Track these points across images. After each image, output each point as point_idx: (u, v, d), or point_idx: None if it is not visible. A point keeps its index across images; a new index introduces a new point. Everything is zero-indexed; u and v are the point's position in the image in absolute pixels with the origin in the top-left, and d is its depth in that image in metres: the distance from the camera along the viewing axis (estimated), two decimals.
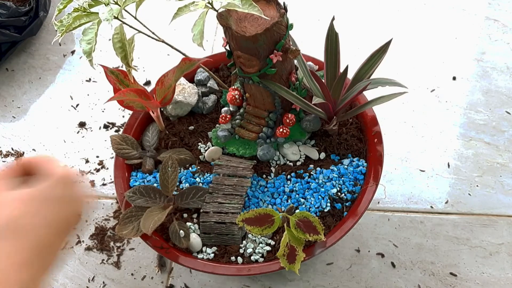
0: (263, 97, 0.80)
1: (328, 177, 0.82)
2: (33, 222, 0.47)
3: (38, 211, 0.47)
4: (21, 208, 0.47)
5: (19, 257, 0.46)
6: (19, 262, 0.45)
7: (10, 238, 0.46)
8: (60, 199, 0.50)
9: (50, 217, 0.48)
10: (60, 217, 0.49)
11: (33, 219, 0.47)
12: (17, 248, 0.46)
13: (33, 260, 0.46)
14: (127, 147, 0.87)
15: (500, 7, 1.24)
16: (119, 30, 0.71)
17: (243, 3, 0.64)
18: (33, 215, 0.47)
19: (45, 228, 0.47)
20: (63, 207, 0.50)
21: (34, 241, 0.46)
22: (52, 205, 0.49)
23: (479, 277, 0.91)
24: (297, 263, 0.74)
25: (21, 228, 0.46)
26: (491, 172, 1.01)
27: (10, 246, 0.45)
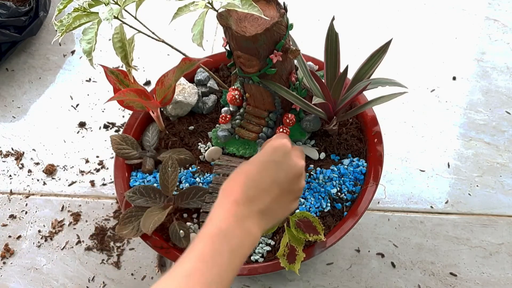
0: (263, 97, 0.80)
1: (328, 177, 0.82)
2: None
3: (254, 170, 0.62)
4: (241, 168, 0.63)
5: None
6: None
7: None
8: (270, 163, 0.63)
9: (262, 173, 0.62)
10: (275, 178, 0.62)
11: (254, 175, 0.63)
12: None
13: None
14: (127, 147, 0.87)
15: (500, 7, 1.24)
16: (119, 30, 0.71)
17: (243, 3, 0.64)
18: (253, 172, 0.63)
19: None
20: (271, 169, 0.62)
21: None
22: (260, 165, 0.63)
23: (479, 277, 0.91)
24: (297, 263, 0.74)
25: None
26: (491, 172, 1.01)
27: None
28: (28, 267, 0.99)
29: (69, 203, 1.05)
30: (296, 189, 0.64)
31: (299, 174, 0.64)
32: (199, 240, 0.57)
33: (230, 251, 0.56)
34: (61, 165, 1.10)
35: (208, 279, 0.54)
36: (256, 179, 0.62)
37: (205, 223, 0.58)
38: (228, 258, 0.56)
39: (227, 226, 0.58)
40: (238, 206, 0.59)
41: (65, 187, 1.07)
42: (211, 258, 0.55)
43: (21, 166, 1.10)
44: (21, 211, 1.05)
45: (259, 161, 0.63)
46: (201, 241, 0.56)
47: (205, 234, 0.57)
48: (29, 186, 1.08)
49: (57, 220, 1.03)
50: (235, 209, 0.59)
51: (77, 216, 1.03)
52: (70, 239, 1.00)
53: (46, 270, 0.98)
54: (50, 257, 0.99)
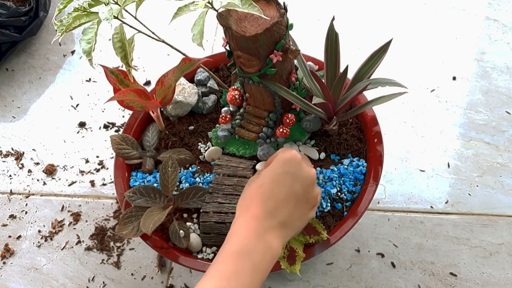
0: (263, 97, 0.80)
1: (328, 177, 0.82)
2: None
3: (269, 184, 0.63)
4: (255, 183, 0.64)
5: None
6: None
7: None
8: (284, 175, 0.63)
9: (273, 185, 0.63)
10: (292, 189, 0.63)
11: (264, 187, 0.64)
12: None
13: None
14: (127, 147, 0.87)
15: (500, 7, 1.24)
16: (119, 30, 0.71)
17: (243, 3, 0.64)
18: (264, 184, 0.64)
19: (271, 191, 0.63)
20: (286, 181, 0.63)
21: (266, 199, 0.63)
22: (274, 178, 0.64)
23: (479, 277, 0.91)
24: (297, 264, 0.74)
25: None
26: (491, 172, 1.01)
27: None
28: (28, 267, 0.99)
29: (69, 203, 1.05)
30: (312, 197, 0.65)
31: (313, 182, 0.65)
32: (222, 258, 0.58)
33: (253, 268, 0.57)
34: (61, 165, 1.10)
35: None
36: (273, 192, 0.62)
37: (227, 239, 0.59)
38: (251, 276, 0.57)
39: (248, 243, 0.58)
40: (258, 221, 0.60)
41: (65, 187, 1.07)
42: (234, 276, 0.56)
43: (21, 166, 1.10)
44: (21, 211, 1.05)
45: (273, 173, 0.64)
46: (223, 259, 0.58)
47: (228, 251, 0.58)
48: (29, 186, 1.08)
49: (57, 220, 1.03)
50: (255, 225, 0.60)
51: (77, 216, 1.03)
52: (70, 239, 1.00)
53: (46, 270, 0.98)
54: (50, 257, 0.99)
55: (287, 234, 0.63)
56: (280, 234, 0.61)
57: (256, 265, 0.58)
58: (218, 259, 0.58)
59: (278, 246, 0.61)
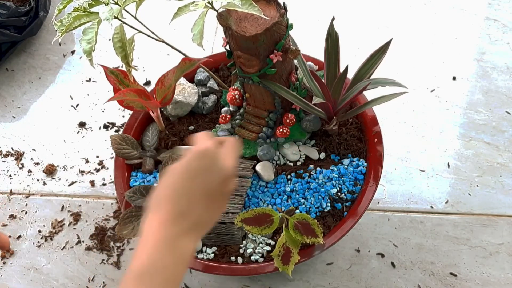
0: (263, 97, 0.80)
1: (328, 177, 0.82)
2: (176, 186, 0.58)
3: (181, 181, 0.58)
4: (167, 179, 0.58)
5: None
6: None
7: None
8: (197, 170, 0.58)
9: (184, 183, 0.58)
10: (207, 184, 0.58)
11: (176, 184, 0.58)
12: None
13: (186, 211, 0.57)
14: (127, 147, 0.87)
15: (500, 7, 1.24)
16: (119, 30, 0.71)
17: (243, 3, 0.64)
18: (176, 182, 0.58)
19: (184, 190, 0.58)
20: (200, 177, 0.58)
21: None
22: (187, 173, 0.58)
23: (479, 277, 0.91)
24: (291, 265, 0.74)
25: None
26: (491, 172, 1.01)
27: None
28: (28, 267, 0.98)
29: (69, 203, 1.05)
30: (226, 193, 0.61)
31: (227, 176, 0.60)
32: (128, 283, 0.52)
33: (165, 284, 0.52)
34: (61, 165, 1.10)
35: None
36: (185, 191, 0.57)
37: (134, 255, 0.53)
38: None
39: (157, 259, 0.53)
40: (167, 227, 0.55)
41: (65, 187, 1.07)
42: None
43: (21, 166, 1.10)
44: (21, 211, 1.05)
45: (185, 170, 0.59)
46: (129, 283, 0.51)
47: (134, 273, 0.52)
48: (29, 186, 1.08)
49: (57, 220, 1.03)
50: (164, 232, 0.54)
51: (77, 216, 1.03)
52: (70, 239, 1.00)
53: (46, 270, 0.98)
54: (50, 257, 0.99)
55: (200, 233, 0.58)
56: (193, 236, 0.56)
57: (168, 279, 0.52)
58: (123, 285, 0.52)
59: (192, 248, 0.55)
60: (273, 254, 0.75)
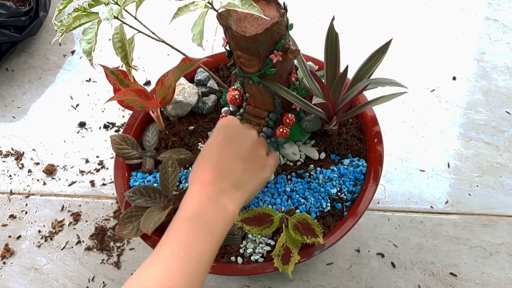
0: (263, 97, 0.80)
1: (328, 177, 0.82)
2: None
3: (215, 151, 0.65)
4: (201, 155, 0.66)
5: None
6: None
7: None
8: (226, 139, 0.65)
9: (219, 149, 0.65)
10: (238, 152, 0.65)
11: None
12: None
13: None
14: (127, 147, 0.87)
15: (500, 7, 1.24)
16: (119, 30, 0.71)
17: (243, 3, 0.64)
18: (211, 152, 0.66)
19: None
20: (230, 144, 0.65)
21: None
22: (217, 144, 0.65)
23: (479, 277, 0.91)
24: (291, 265, 0.74)
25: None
26: (491, 172, 1.01)
27: None
28: (28, 267, 0.99)
29: (69, 203, 1.05)
30: (259, 156, 0.67)
31: (255, 140, 0.67)
32: (175, 226, 0.57)
33: (206, 233, 0.57)
34: (61, 165, 1.10)
35: (186, 263, 0.54)
36: (220, 157, 0.64)
37: (180, 207, 0.59)
38: (205, 241, 0.57)
39: (201, 208, 0.58)
40: (209, 185, 0.60)
41: (65, 187, 1.07)
42: (188, 243, 0.56)
43: (21, 166, 1.10)
44: (21, 211, 1.05)
45: (215, 142, 0.66)
46: (176, 226, 0.57)
47: (180, 218, 0.58)
48: (29, 186, 1.08)
49: (57, 220, 1.03)
50: (207, 189, 0.60)
51: (77, 216, 1.03)
52: (70, 239, 1.00)
53: (46, 270, 0.98)
54: (50, 257, 0.99)
55: (242, 196, 0.64)
56: (234, 196, 0.62)
57: (210, 229, 0.58)
58: (171, 227, 0.58)
59: (233, 208, 0.61)
60: (273, 254, 0.75)
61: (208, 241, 0.57)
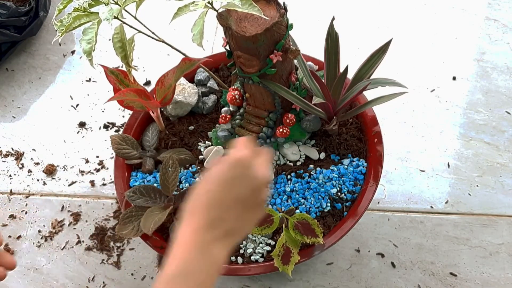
0: (263, 97, 0.80)
1: (328, 177, 0.82)
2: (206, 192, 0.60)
3: (214, 190, 0.59)
4: (201, 186, 0.60)
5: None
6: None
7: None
8: (232, 179, 0.59)
9: (216, 191, 0.59)
10: (240, 195, 0.59)
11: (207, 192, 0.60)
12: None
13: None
14: (127, 147, 0.87)
15: (500, 7, 1.24)
16: (119, 30, 0.71)
17: (243, 3, 0.64)
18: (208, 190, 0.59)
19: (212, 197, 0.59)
20: (233, 186, 0.59)
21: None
22: (221, 182, 0.59)
23: (479, 277, 0.91)
24: (291, 265, 0.74)
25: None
26: (491, 172, 1.01)
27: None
28: (28, 267, 0.98)
29: (69, 203, 1.05)
30: (261, 200, 0.61)
31: (262, 185, 0.61)
32: (163, 279, 0.54)
33: (196, 286, 0.54)
34: (61, 165, 1.10)
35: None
36: (218, 199, 0.58)
37: (169, 258, 0.55)
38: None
39: (190, 263, 0.55)
40: (200, 233, 0.56)
41: (65, 187, 1.07)
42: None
43: (21, 166, 1.10)
44: (21, 211, 1.05)
45: (219, 179, 0.59)
46: (165, 281, 0.54)
47: (167, 275, 0.54)
48: (29, 186, 1.08)
49: (57, 220, 1.03)
50: (197, 238, 0.56)
51: (77, 216, 1.03)
52: (70, 239, 1.00)
53: (46, 270, 0.98)
54: (50, 257, 0.99)
55: (234, 241, 0.59)
56: (227, 243, 0.58)
57: (200, 284, 0.54)
58: (160, 281, 0.54)
59: (224, 256, 0.57)
60: (273, 254, 0.75)
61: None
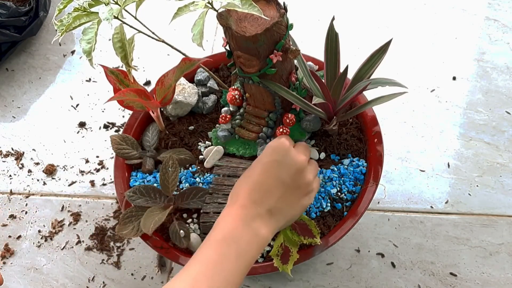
0: (263, 97, 0.80)
1: (328, 177, 0.82)
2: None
3: (257, 174, 0.65)
4: (246, 172, 0.67)
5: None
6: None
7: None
8: (271, 163, 0.65)
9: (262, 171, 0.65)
10: (280, 178, 0.64)
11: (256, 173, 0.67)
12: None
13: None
14: (127, 147, 0.87)
15: (500, 7, 1.24)
16: (119, 29, 0.71)
17: (243, 3, 0.64)
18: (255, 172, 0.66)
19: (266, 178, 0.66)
20: (273, 169, 0.65)
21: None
22: (261, 167, 0.65)
23: (479, 277, 0.91)
24: (290, 264, 0.74)
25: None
26: (491, 172, 1.01)
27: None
28: (28, 267, 0.99)
29: (69, 203, 1.05)
30: (303, 184, 0.66)
31: (301, 169, 0.65)
32: (206, 245, 0.58)
33: (237, 255, 0.57)
34: (61, 165, 1.10)
35: (214, 284, 0.55)
36: (260, 181, 0.63)
37: (213, 228, 0.59)
38: (235, 262, 0.57)
39: (234, 230, 0.59)
40: (244, 209, 0.61)
41: (65, 187, 1.07)
42: (218, 263, 0.56)
43: (21, 166, 1.10)
44: (21, 211, 1.05)
45: (260, 163, 0.65)
46: (208, 246, 0.58)
47: (212, 239, 0.58)
48: (29, 186, 1.08)
49: (57, 220, 1.03)
50: (241, 212, 0.60)
51: (77, 216, 1.03)
52: (70, 239, 1.00)
53: (46, 270, 0.98)
54: (50, 257, 0.99)
55: (277, 222, 0.64)
56: (269, 222, 0.62)
57: (241, 252, 0.58)
58: (203, 246, 0.58)
59: (267, 233, 0.61)
60: (271, 254, 0.75)
61: (238, 263, 0.58)
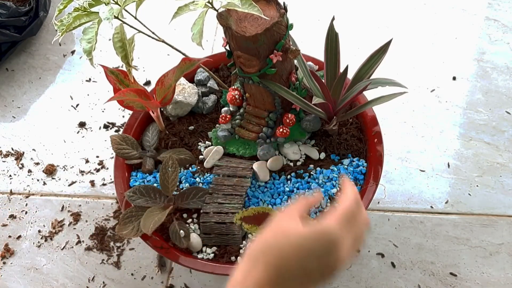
0: (263, 97, 0.80)
1: (328, 177, 0.82)
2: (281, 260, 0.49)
3: (287, 252, 0.49)
4: (279, 240, 0.49)
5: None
6: None
7: (260, 262, 0.49)
8: (315, 256, 0.50)
9: (299, 265, 0.49)
10: (309, 270, 0.50)
11: (282, 257, 0.49)
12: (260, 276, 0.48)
13: None
14: (127, 147, 0.87)
15: (500, 7, 1.24)
16: (119, 29, 0.71)
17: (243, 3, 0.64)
18: (281, 254, 0.49)
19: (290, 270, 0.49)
20: (315, 263, 0.50)
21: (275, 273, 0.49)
22: (293, 253, 0.49)
23: (479, 277, 0.91)
24: None
25: (270, 257, 0.49)
26: (491, 172, 1.01)
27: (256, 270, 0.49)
28: (28, 267, 0.99)
29: (69, 203, 1.05)
30: (328, 276, 0.52)
31: (338, 269, 0.53)
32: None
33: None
34: (61, 165, 1.10)
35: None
36: (286, 265, 0.50)
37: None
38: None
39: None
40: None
41: (65, 187, 1.07)
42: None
43: (21, 166, 1.10)
44: (21, 211, 1.05)
45: (295, 246, 0.50)
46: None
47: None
48: (29, 186, 1.08)
49: (57, 220, 1.03)
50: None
51: (77, 216, 1.03)
52: (70, 239, 1.00)
53: (46, 270, 0.98)
54: (50, 257, 0.99)
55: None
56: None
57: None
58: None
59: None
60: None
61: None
